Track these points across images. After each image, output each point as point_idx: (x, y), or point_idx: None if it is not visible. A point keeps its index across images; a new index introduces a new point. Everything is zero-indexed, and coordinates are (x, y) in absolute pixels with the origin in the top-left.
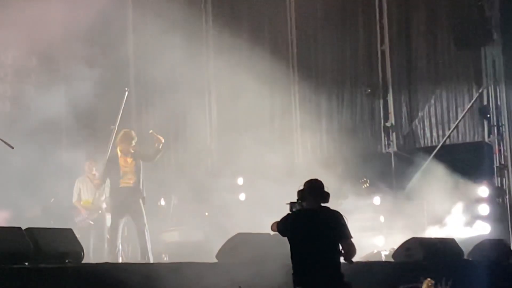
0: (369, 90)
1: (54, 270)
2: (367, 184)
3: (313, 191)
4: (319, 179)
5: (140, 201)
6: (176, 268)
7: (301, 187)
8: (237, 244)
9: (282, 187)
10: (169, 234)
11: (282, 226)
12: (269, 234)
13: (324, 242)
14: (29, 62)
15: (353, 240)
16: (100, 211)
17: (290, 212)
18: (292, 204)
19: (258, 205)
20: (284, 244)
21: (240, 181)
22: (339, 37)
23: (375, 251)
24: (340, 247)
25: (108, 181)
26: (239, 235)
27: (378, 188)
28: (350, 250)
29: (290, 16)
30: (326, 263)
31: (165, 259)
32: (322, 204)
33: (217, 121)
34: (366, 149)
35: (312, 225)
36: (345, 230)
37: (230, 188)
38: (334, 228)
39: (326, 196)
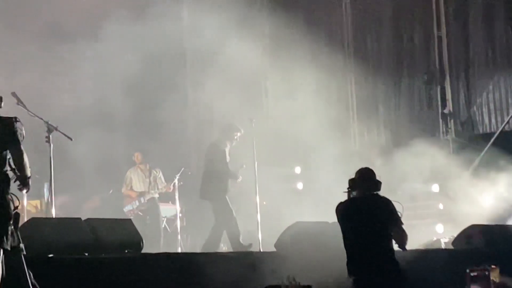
0: (426, 77)
1: (114, 260)
2: None
3: (364, 180)
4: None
5: None
6: (235, 257)
7: (353, 176)
8: (296, 233)
9: (339, 175)
10: None
11: (336, 215)
12: (327, 222)
13: (376, 230)
14: None
15: (403, 226)
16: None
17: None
18: (350, 192)
19: (316, 194)
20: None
21: (297, 170)
22: (395, 24)
23: (435, 238)
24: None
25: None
26: (298, 224)
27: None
28: (402, 236)
29: (345, 3)
30: (379, 251)
31: (224, 248)
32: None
33: (273, 111)
34: (424, 137)
35: (363, 213)
36: (395, 216)
37: (288, 177)
38: (385, 215)
39: (377, 184)
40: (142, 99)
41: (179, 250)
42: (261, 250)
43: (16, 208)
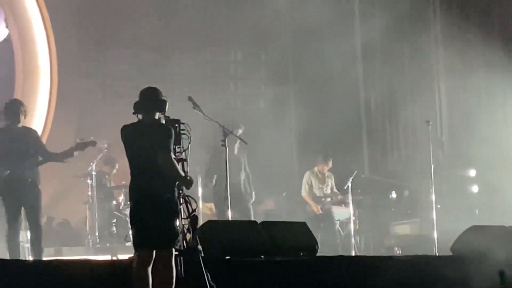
0: None
1: (289, 263)
2: None
3: None
4: None
5: None
6: (411, 261)
7: None
8: (472, 236)
9: None
10: (401, 226)
11: None
12: (504, 226)
13: None
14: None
15: None
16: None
17: None
18: None
19: (492, 197)
20: None
21: (472, 172)
22: None
23: None
24: None
25: None
26: (474, 227)
27: None
28: None
29: None
30: None
31: (398, 252)
32: None
33: (447, 113)
34: None
35: None
36: None
37: (462, 180)
38: None
39: None
40: (312, 101)
41: (353, 253)
42: (437, 254)
43: (193, 210)
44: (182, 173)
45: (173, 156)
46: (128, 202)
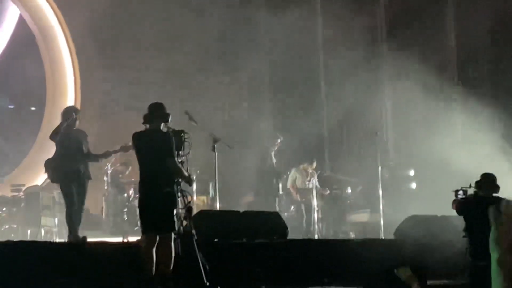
0: None
1: (265, 245)
2: None
3: (487, 182)
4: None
5: None
6: (361, 243)
7: (478, 178)
8: (411, 223)
9: (446, 178)
10: (355, 215)
11: (460, 208)
12: (437, 215)
13: None
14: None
15: None
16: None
17: (455, 198)
18: (457, 192)
19: (427, 192)
20: (449, 224)
21: (411, 172)
22: (496, 51)
23: None
24: None
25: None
26: (412, 216)
27: None
28: None
29: (451, 34)
30: None
31: (352, 236)
32: (494, 194)
33: (392, 126)
34: None
35: (484, 209)
36: None
37: (403, 178)
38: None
39: (497, 188)
40: (285, 116)
41: (316, 237)
42: (383, 237)
43: (189, 202)
44: (186, 173)
45: (178, 160)
46: (137, 195)
